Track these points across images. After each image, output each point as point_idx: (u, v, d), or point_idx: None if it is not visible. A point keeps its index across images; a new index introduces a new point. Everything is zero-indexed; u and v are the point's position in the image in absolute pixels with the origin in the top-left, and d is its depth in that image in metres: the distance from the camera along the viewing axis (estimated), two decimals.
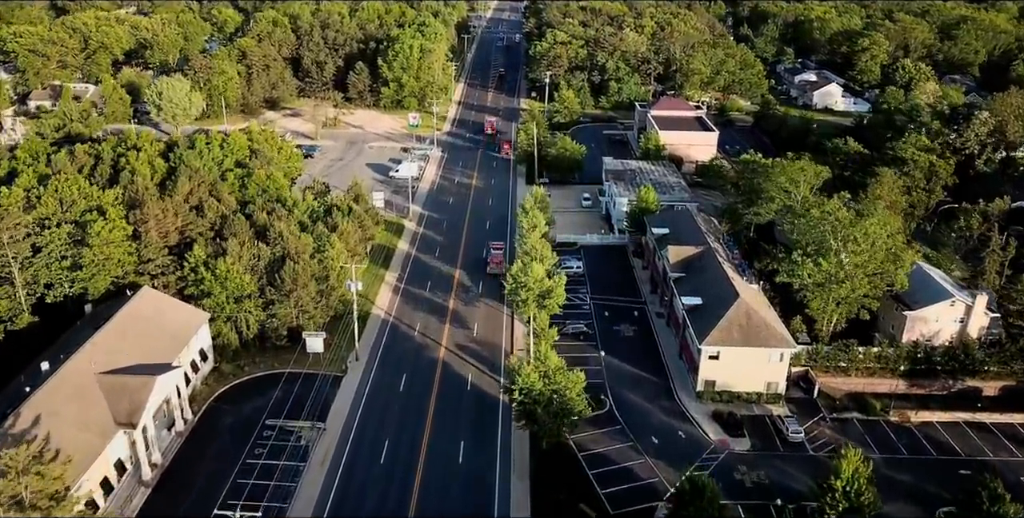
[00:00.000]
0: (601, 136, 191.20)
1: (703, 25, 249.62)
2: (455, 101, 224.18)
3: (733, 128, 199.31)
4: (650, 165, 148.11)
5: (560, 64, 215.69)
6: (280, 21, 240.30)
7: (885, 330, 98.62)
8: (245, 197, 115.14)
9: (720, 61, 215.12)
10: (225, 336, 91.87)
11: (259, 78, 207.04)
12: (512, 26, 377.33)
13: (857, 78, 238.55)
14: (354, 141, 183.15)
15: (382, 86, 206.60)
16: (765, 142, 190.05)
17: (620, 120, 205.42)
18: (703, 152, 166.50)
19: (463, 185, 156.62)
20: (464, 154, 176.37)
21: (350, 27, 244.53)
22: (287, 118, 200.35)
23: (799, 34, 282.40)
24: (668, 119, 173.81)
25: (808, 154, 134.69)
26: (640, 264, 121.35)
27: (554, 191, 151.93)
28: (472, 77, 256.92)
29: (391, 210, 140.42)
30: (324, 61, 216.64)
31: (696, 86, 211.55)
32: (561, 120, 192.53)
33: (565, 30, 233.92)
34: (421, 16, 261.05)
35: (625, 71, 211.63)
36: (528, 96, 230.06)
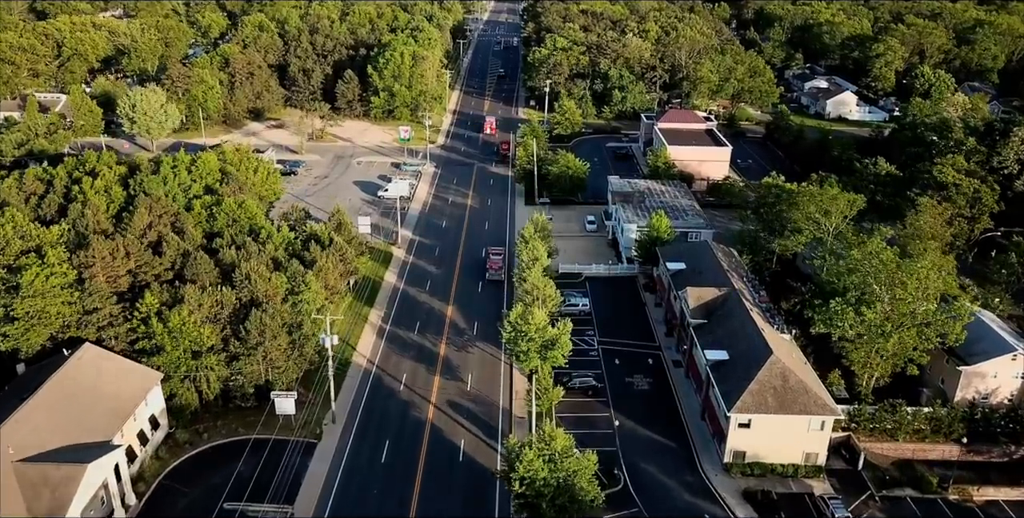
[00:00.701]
0: (604, 149, 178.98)
1: (709, 30, 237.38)
2: (450, 111, 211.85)
3: (743, 140, 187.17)
4: (659, 185, 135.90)
5: (560, 71, 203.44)
6: (266, 26, 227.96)
7: (934, 385, 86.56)
8: (214, 228, 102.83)
9: (729, 68, 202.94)
10: (182, 396, 79.73)
11: (242, 87, 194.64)
12: (510, 29, 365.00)
13: (871, 85, 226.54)
14: (341, 155, 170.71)
15: (372, 96, 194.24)
16: (779, 155, 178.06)
17: (624, 131, 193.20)
18: (715, 169, 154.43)
19: (458, 206, 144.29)
20: (459, 170, 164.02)
21: (340, 32, 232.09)
22: (271, 130, 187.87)
23: (807, 38, 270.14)
24: (676, 132, 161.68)
25: (835, 176, 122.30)
26: (652, 299, 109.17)
27: (555, 212, 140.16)
28: (468, 84, 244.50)
29: (378, 235, 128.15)
30: (311, 69, 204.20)
31: (704, 95, 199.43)
32: (562, 132, 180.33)
33: (565, 35, 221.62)
34: (415, 20, 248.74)
35: (629, 79, 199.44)
36: (527, 105, 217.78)
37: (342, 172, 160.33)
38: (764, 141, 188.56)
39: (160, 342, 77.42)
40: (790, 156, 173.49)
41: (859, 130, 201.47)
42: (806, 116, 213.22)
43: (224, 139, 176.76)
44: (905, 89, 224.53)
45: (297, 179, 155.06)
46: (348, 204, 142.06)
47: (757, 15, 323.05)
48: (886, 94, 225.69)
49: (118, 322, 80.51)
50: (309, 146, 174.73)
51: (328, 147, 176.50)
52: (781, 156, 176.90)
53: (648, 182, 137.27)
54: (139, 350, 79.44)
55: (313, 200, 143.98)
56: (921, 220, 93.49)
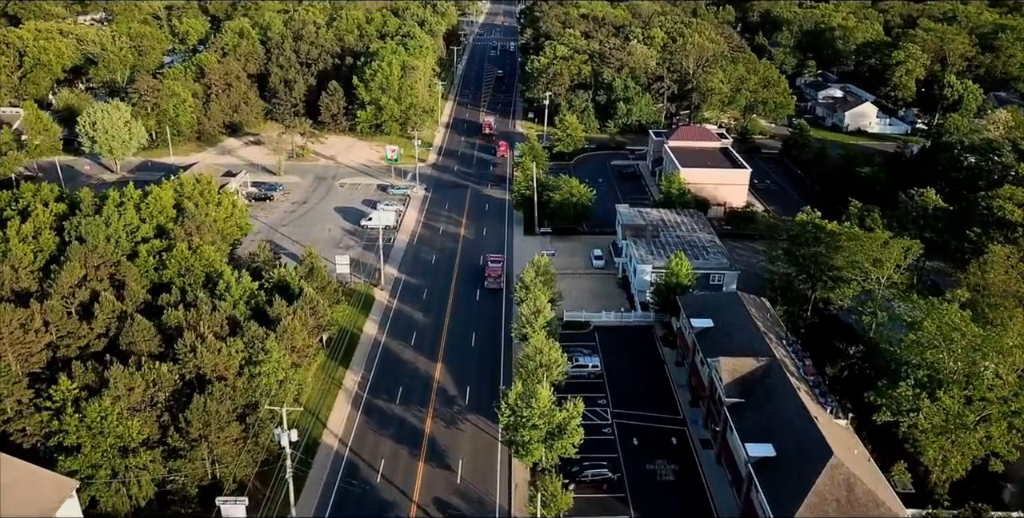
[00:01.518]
0: (609, 168, 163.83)
1: (718, 36, 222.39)
2: (443, 124, 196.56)
3: (758, 157, 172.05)
4: (674, 214, 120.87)
5: (560, 82, 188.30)
6: (247, 32, 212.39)
7: (1016, 478, 71.77)
8: (163, 279, 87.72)
9: (741, 78, 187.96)
10: (107, 502, 64.65)
11: (219, 100, 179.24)
12: (506, 32, 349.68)
13: (890, 95, 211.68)
14: (323, 177, 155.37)
15: (358, 109, 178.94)
16: (798, 175, 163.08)
17: (629, 146, 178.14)
18: (734, 194, 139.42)
19: (449, 236, 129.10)
20: (452, 193, 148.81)
21: (326, 39, 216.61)
22: (249, 147, 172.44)
23: (818, 43, 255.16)
24: (689, 152, 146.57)
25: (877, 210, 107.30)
26: (672, 356, 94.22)
27: (558, 243, 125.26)
28: (462, 94, 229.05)
29: (359, 275, 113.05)
30: (293, 79, 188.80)
31: (715, 107, 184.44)
32: (563, 150, 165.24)
33: (565, 42, 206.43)
34: (406, 26, 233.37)
35: (635, 90, 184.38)
36: (524, 117, 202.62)
37: (323, 196, 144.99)
38: (781, 158, 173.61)
39: (77, 440, 62.37)
40: (811, 175, 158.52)
41: (881, 144, 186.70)
42: (822, 128, 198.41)
43: (195, 158, 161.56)
44: (927, 99, 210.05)
45: (273, 205, 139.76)
46: (327, 235, 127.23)
47: (763, 18, 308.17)
48: (906, 104, 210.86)
49: (29, 412, 65.41)
50: (289, 166, 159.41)
51: (309, 167, 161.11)
52: (801, 175, 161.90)
53: (661, 211, 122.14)
54: (55, 446, 64.43)
55: (289, 230, 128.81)
56: (992, 274, 78.68)
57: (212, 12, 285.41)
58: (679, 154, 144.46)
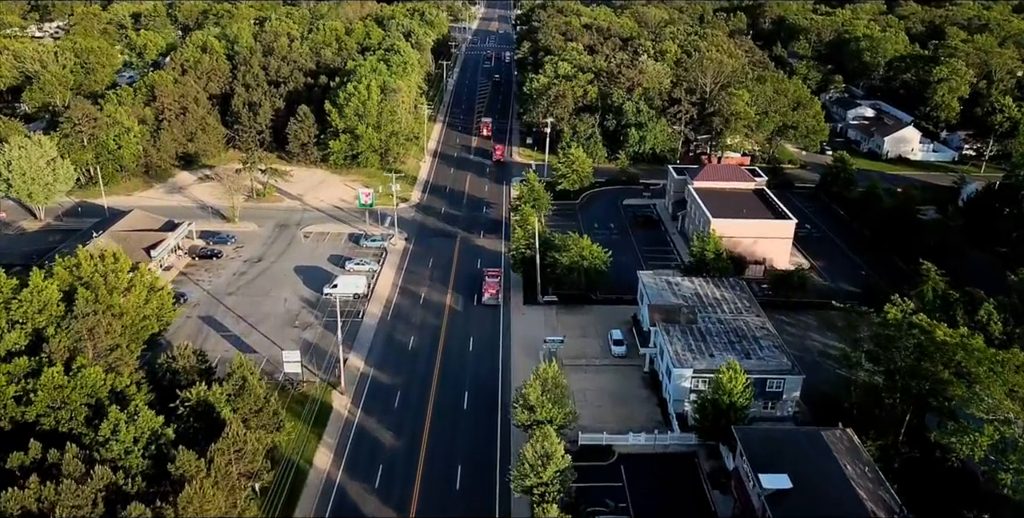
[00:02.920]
0: (622, 210, 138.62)
1: (737, 49, 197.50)
2: (430, 151, 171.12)
3: (791, 192, 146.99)
4: (711, 286, 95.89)
5: (563, 105, 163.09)
6: (211, 46, 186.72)
7: None
8: (26, 417, 62.65)
9: (769, 99, 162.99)
10: None
11: (171, 127, 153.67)
12: (502, 40, 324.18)
13: (930, 115, 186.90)
14: (286, 223, 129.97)
15: (330, 138, 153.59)
16: (841, 217, 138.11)
17: (643, 179, 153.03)
18: (776, 250, 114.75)
19: (432, 308, 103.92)
20: (437, 245, 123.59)
21: (301, 53, 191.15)
22: (203, 184, 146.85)
23: (843, 55, 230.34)
24: (719, 196, 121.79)
25: (990, 299, 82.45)
26: (723, 503, 69.35)
27: (565, 317, 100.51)
28: (453, 114, 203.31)
29: (314, 371, 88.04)
30: (259, 102, 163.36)
31: (739, 132, 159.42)
32: (568, 187, 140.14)
33: (568, 58, 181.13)
34: (390, 38, 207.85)
35: (648, 115, 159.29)
36: (523, 143, 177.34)
37: (283, 250, 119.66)
38: (817, 193, 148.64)
39: None
40: (857, 217, 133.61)
41: (928, 176, 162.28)
42: (857, 155, 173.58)
43: (138, 198, 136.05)
44: (971, 120, 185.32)
45: (221, 263, 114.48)
46: (282, 309, 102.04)
47: (778, 26, 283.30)
48: (948, 126, 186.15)
49: None
50: (247, 209, 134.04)
51: (271, 210, 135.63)
52: (845, 218, 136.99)
53: (695, 282, 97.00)
54: None
55: (236, 301, 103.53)
56: None
57: (182, 21, 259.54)
58: (707, 199, 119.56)
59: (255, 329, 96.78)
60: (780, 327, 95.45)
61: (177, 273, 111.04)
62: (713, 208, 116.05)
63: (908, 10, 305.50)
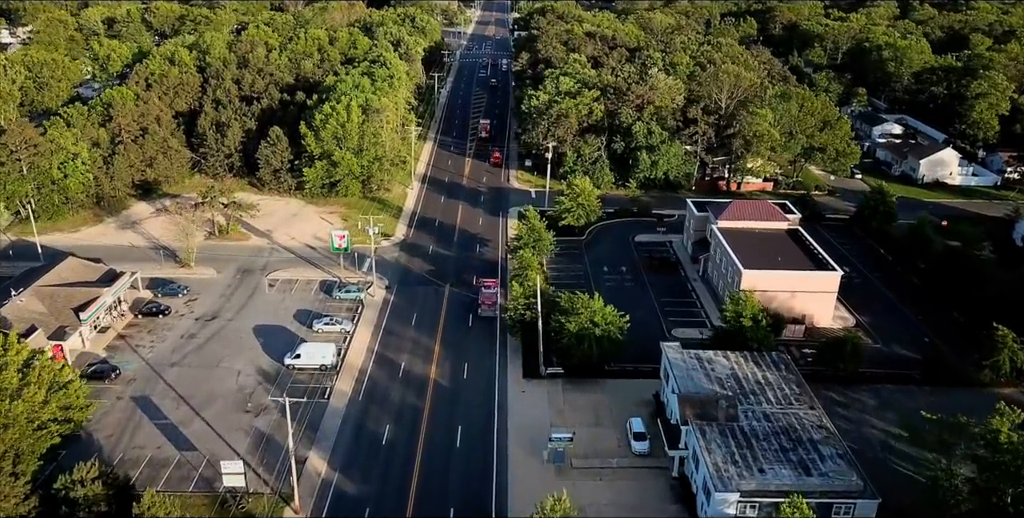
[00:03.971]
0: (633, 249, 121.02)
1: (752, 59, 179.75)
2: (418, 176, 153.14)
3: (820, 225, 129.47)
4: (751, 364, 78.21)
5: (566, 125, 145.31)
6: (180, 58, 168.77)
7: None
8: None
9: (794, 119, 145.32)
10: None
11: (127, 152, 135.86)
12: (498, 46, 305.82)
13: (967, 133, 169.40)
14: (249, 268, 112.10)
15: (305, 165, 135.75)
16: (882, 257, 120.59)
17: (656, 211, 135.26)
18: (817, 306, 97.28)
19: (414, 382, 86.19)
20: (422, 295, 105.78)
21: (278, 64, 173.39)
22: (160, 218, 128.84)
23: (863, 65, 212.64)
24: (747, 239, 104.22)
25: None
26: None
27: (573, 396, 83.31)
28: (445, 131, 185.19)
29: (262, 476, 70.45)
30: (227, 122, 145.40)
31: (762, 156, 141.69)
32: (573, 222, 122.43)
33: (570, 71, 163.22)
34: (377, 47, 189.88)
35: (660, 137, 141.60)
36: (521, 165, 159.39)
37: (243, 303, 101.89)
38: (851, 226, 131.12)
39: None
40: (903, 260, 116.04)
41: (970, 203, 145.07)
42: (887, 177, 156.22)
43: (80, 239, 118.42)
44: (1012, 138, 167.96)
45: (168, 322, 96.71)
46: (234, 385, 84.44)
47: (789, 32, 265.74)
48: (986, 145, 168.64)
49: None
50: (207, 249, 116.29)
51: (234, 250, 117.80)
52: (887, 258, 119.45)
53: (730, 358, 79.33)
54: None
55: (178, 375, 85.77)
56: None
57: (157, 26, 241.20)
58: (735, 243, 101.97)
59: (198, 415, 79.11)
60: (831, 409, 78.61)
61: (114, 336, 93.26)
62: (743, 255, 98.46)
63: (924, 14, 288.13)
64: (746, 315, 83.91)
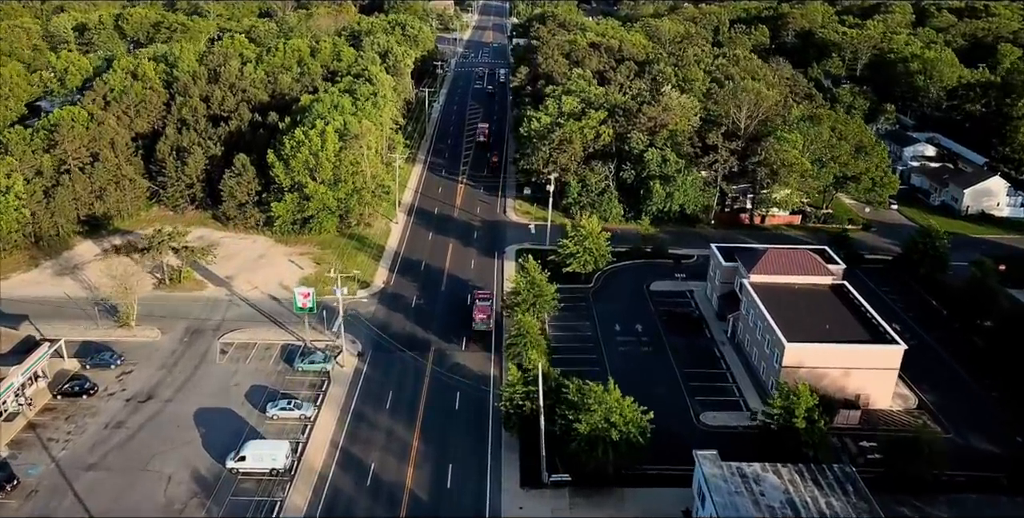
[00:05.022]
0: (649, 299, 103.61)
1: (771, 74, 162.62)
2: (404, 208, 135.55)
3: (861, 269, 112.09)
4: (809, 485, 60.71)
5: (569, 151, 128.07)
6: (144, 72, 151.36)
7: None
8: None
9: (826, 145, 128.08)
10: None
11: (73, 182, 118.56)
12: (496, 54, 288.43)
13: (1010, 158, 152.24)
14: (200, 328, 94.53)
15: (274, 199, 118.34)
16: (934, 309, 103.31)
17: (673, 250, 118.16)
18: (875, 385, 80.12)
19: (385, 492, 68.59)
20: (401, 365, 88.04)
21: (253, 78, 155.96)
22: (107, 259, 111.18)
23: (886, 78, 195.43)
24: (786, 299, 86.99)
25: None
26: None
27: (583, 509, 66.24)
28: (436, 151, 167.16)
29: None
30: (188, 148, 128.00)
31: (791, 186, 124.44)
32: (579, 269, 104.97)
33: (574, 88, 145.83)
34: (363, 59, 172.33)
35: (676, 165, 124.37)
36: (519, 193, 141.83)
37: (187, 377, 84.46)
38: (894, 271, 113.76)
39: None
40: (963, 317, 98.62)
41: (1018, 239, 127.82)
42: (925, 209, 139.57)
43: (5, 287, 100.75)
44: None
45: (90, 406, 79.26)
46: (163, 496, 67.07)
47: (804, 41, 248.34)
48: None
49: None
50: (152, 302, 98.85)
51: (185, 304, 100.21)
52: (942, 314, 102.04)
53: (783, 475, 62.01)
54: None
55: (92, 484, 68.20)
56: None
57: (131, 34, 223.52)
58: (772, 305, 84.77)
59: None
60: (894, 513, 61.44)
61: (23, 426, 75.87)
62: (784, 322, 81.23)
63: (943, 21, 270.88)
64: (799, 414, 66.64)
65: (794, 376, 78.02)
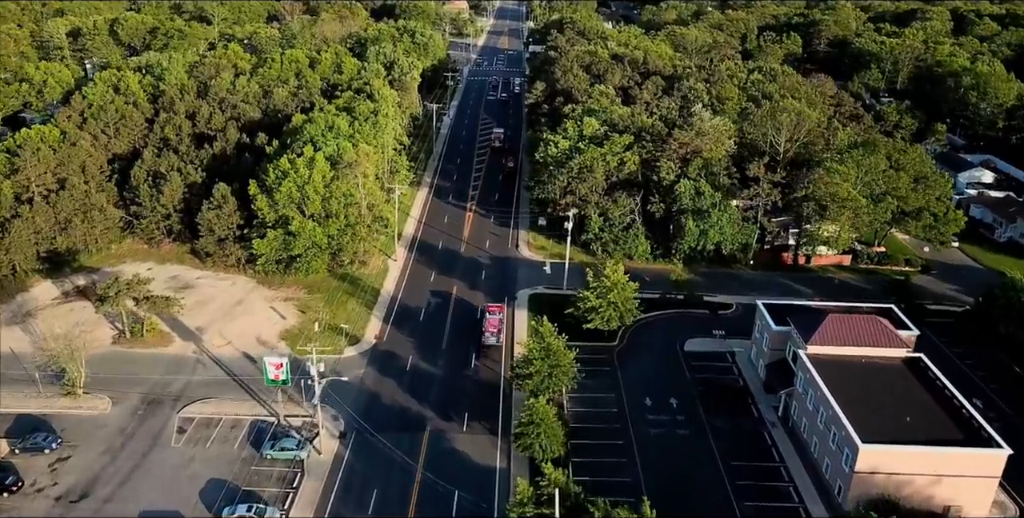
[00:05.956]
0: (683, 362, 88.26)
1: (812, 91, 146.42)
2: (405, 242, 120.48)
3: (925, 323, 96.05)
4: None
5: (591, 180, 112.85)
6: (128, 86, 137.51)
7: None
8: None
9: (883, 177, 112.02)
10: None
11: (33, 215, 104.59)
12: (511, 61, 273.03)
13: None
14: (158, 397, 79.85)
15: (255, 233, 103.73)
16: (1021, 378, 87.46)
17: (706, 295, 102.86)
18: (971, 494, 64.41)
19: None
20: (389, 454, 73.41)
21: (247, 92, 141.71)
22: (69, 304, 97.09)
23: (937, 94, 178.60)
24: (855, 380, 71.51)
25: None
26: None
27: None
28: (444, 173, 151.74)
29: None
30: (166, 174, 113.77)
31: (843, 224, 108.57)
32: (601, 326, 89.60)
33: (596, 107, 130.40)
34: (366, 71, 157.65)
35: (711, 198, 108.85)
36: (533, 225, 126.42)
37: (134, 465, 69.87)
38: (966, 326, 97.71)
39: None
40: None
41: None
42: (986, 245, 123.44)
43: None
44: None
45: (9, 509, 65.00)
46: None
47: (839, 50, 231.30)
48: None
49: None
50: (108, 360, 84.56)
51: (145, 363, 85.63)
52: None
53: None
54: None
55: None
56: None
57: (125, 40, 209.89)
58: (839, 388, 69.34)
59: None
60: None
61: None
62: (854, 414, 65.71)
63: (985, 29, 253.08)
64: None
65: (869, 483, 62.85)
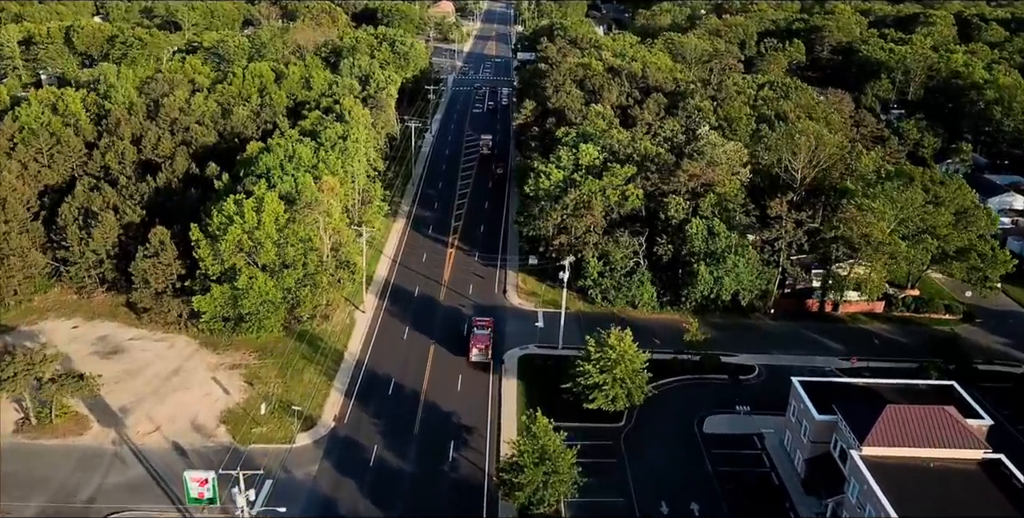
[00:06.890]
0: (703, 449, 73.25)
1: (830, 108, 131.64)
2: (376, 289, 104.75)
3: (977, 387, 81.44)
4: None
5: (588, 218, 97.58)
6: (68, 105, 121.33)
7: None
8: None
9: (920, 212, 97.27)
10: None
11: None
12: (499, 70, 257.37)
13: None
14: (61, 508, 64.31)
15: (199, 288, 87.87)
16: None
17: (723, 355, 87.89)
18: None
19: None
20: None
21: (203, 111, 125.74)
22: None
23: (957, 109, 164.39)
24: (923, 492, 56.54)
25: None
26: None
27: None
28: (423, 201, 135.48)
29: None
30: (98, 214, 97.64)
31: (877, 268, 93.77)
32: (604, 406, 74.28)
33: (592, 130, 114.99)
34: (339, 86, 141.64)
35: (726, 240, 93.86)
36: (523, 264, 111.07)
37: None
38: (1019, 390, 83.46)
39: None
40: None
41: None
42: None
43: None
44: None
45: None
46: None
47: (844, 58, 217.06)
48: None
49: None
50: (8, 455, 68.69)
51: (52, 459, 69.52)
52: None
53: None
54: None
55: None
56: None
57: (81, 48, 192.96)
58: (903, 503, 54.49)
59: None
60: None
61: None
62: None
63: (993, 35, 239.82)
64: None
65: None
